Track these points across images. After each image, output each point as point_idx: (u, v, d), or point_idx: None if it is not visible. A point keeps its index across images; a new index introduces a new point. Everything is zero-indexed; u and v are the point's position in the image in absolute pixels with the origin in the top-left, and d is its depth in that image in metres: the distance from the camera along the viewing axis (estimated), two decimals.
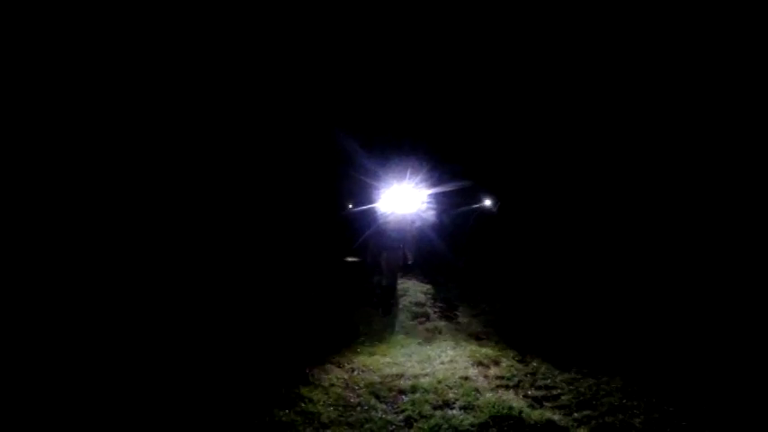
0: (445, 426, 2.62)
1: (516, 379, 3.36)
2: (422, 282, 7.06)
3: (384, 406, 2.90)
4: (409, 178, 6.11)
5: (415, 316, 5.36)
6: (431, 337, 4.56)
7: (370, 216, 5.81)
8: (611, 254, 6.80)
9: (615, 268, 6.36)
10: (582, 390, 3.11)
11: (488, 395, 3.02)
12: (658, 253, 6.23)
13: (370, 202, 5.92)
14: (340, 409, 2.80)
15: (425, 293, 6.43)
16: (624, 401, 2.88)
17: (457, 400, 2.97)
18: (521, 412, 2.71)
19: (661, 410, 2.72)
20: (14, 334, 3.55)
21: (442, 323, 5.09)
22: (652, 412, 2.71)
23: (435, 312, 5.57)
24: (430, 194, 6.79)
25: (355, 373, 3.46)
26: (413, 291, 6.44)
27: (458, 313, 5.51)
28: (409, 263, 5.85)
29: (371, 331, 4.61)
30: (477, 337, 4.50)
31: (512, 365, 3.64)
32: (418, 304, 5.82)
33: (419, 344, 4.28)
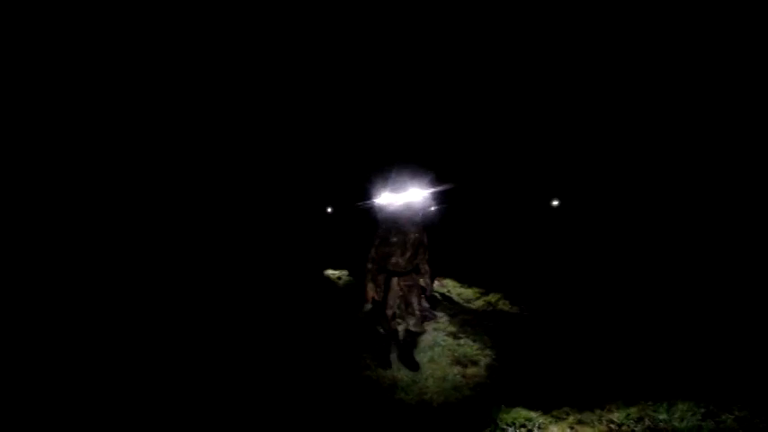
0: None
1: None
2: None
3: None
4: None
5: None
6: None
7: (367, 217, 4.83)
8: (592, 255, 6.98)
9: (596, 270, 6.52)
10: None
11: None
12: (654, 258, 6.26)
13: (362, 202, 4.67)
14: None
15: None
16: None
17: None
18: None
19: None
20: (15, 334, 3.64)
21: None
22: None
23: None
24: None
25: None
26: None
27: (435, 313, 5.53)
28: (427, 294, 3.87)
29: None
30: (455, 336, 4.53)
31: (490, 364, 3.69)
32: None
33: None
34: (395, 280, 3.46)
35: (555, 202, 8.89)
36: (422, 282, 3.60)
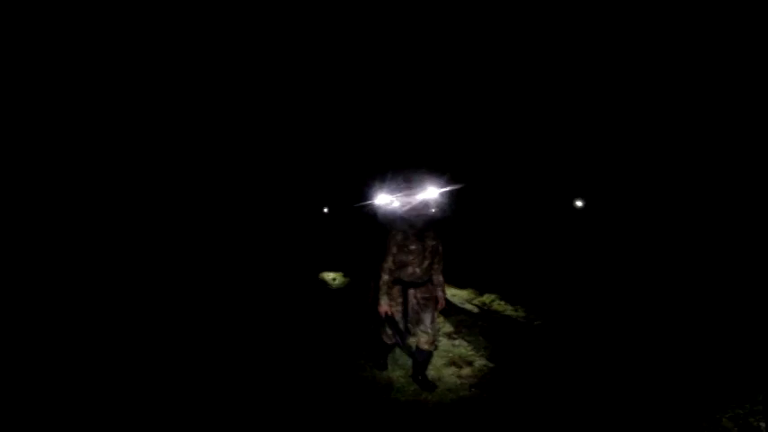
0: None
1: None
2: None
3: None
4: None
5: None
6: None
7: (367, 218, 4.47)
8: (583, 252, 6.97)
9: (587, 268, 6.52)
10: None
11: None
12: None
13: (359, 202, 4.26)
14: None
15: None
16: None
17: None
18: None
19: None
20: (15, 334, 3.60)
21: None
22: None
23: None
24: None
25: None
26: None
27: None
28: (440, 308, 3.28)
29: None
30: (450, 337, 4.51)
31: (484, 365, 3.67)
32: None
33: None
34: (411, 292, 3.07)
35: (579, 203, 8.73)
36: (439, 293, 3.21)
